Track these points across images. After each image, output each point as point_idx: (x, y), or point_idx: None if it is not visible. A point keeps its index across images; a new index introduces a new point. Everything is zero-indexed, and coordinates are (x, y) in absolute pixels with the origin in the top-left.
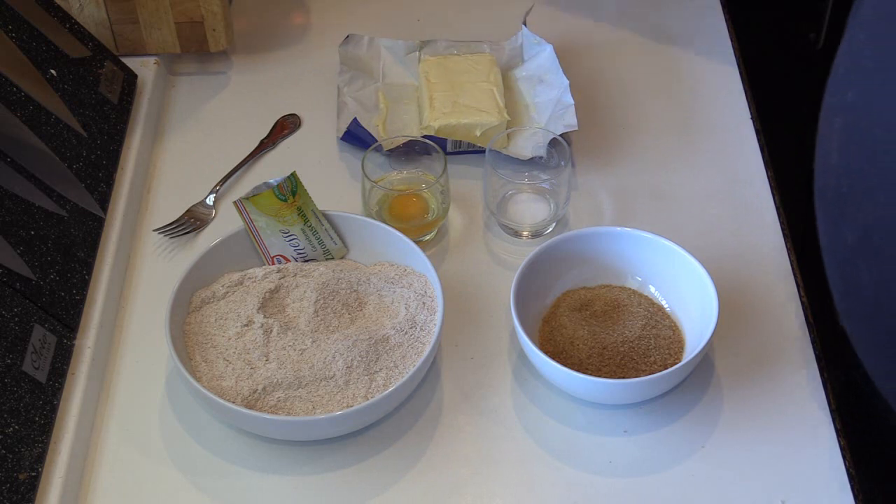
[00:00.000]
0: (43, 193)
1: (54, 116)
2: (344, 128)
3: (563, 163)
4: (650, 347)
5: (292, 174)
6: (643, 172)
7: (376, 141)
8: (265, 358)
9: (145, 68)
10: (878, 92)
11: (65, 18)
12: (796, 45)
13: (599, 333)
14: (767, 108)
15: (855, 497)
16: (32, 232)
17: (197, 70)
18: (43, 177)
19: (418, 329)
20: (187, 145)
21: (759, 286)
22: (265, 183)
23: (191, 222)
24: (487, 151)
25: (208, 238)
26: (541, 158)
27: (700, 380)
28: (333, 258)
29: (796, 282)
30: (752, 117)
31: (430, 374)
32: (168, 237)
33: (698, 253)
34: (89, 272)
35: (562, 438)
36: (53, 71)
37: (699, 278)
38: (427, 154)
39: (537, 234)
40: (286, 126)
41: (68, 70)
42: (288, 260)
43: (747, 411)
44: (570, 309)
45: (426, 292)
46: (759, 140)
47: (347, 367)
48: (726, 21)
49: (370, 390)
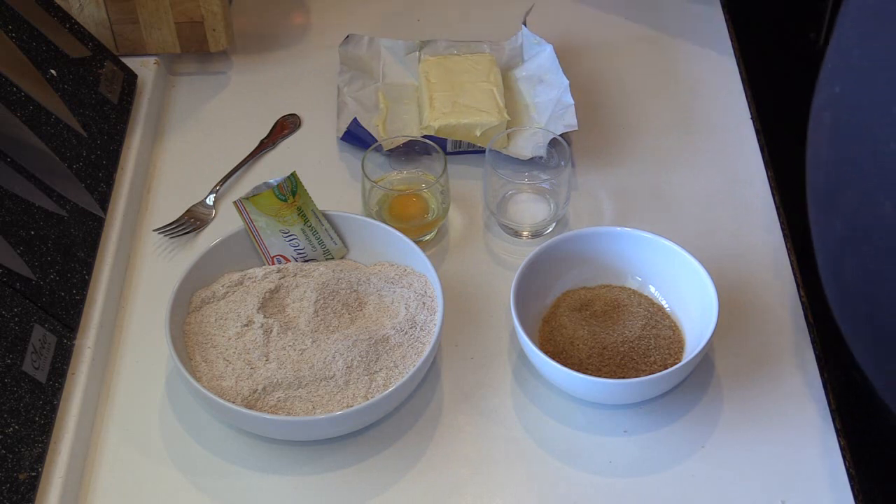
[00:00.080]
0: (43, 193)
1: (54, 116)
2: (344, 128)
3: (563, 163)
4: (650, 347)
5: (292, 174)
6: (643, 172)
7: (376, 141)
8: (265, 358)
9: (145, 68)
10: (863, 85)
11: (65, 18)
12: (796, 45)
13: (599, 333)
14: (767, 108)
15: (855, 497)
16: (32, 232)
17: (197, 70)
18: (43, 177)
19: (418, 329)
20: (187, 145)
21: (759, 286)
22: (265, 183)
23: (191, 222)
24: (487, 151)
25: (208, 238)
26: (541, 158)
27: (700, 380)
28: (333, 258)
29: (796, 282)
30: (752, 117)
31: (430, 374)
32: (168, 237)
33: (698, 253)
34: (89, 272)
35: (562, 438)
36: (53, 71)
37: (699, 278)
38: (427, 154)
39: (537, 234)
40: (286, 126)
41: (68, 70)
42: (288, 260)
43: (747, 411)
44: (570, 309)
45: (426, 292)
46: (759, 140)
47: (347, 367)
48: (726, 21)
49: (370, 390)
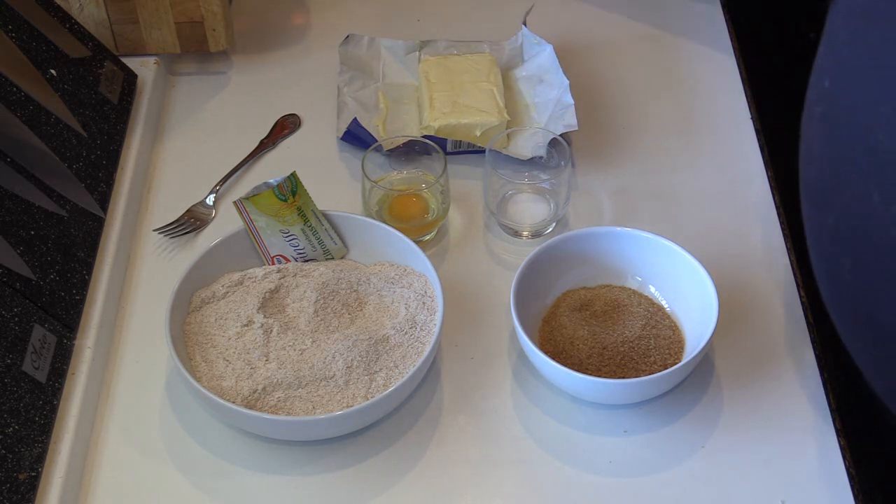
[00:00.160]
0: (43, 193)
1: (54, 116)
2: (344, 128)
3: (563, 163)
4: (650, 347)
5: (292, 174)
6: (643, 172)
7: (376, 141)
8: (265, 358)
9: (145, 68)
10: (853, 81)
11: (65, 18)
12: (796, 45)
13: (599, 333)
14: (767, 108)
15: (855, 497)
16: (32, 232)
17: (197, 70)
18: (43, 177)
19: (418, 329)
20: (187, 145)
21: (759, 286)
22: (265, 183)
23: (191, 222)
24: (487, 151)
25: (208, 238)
26: (541, 158)
27: (700, 380)
28: (333, 258)
29: (796, 282)
30: (752, 117)
31: (430, 374)
32: (168, 237)
33: (698, 253)
34: (89, 272)
35: (562, 438)
36: (53, 71)
37: (699, 278)
38: (427, 154)
39: (537, 234)
40: (286, 126)
41: (68, 70)
42: (288, 260)
43: (747, 411)
44: (570, 309)
45: (426, 292)
46: (759, 140)
47: (347, 367)
48: (726, 21)
49: (370, 390)
